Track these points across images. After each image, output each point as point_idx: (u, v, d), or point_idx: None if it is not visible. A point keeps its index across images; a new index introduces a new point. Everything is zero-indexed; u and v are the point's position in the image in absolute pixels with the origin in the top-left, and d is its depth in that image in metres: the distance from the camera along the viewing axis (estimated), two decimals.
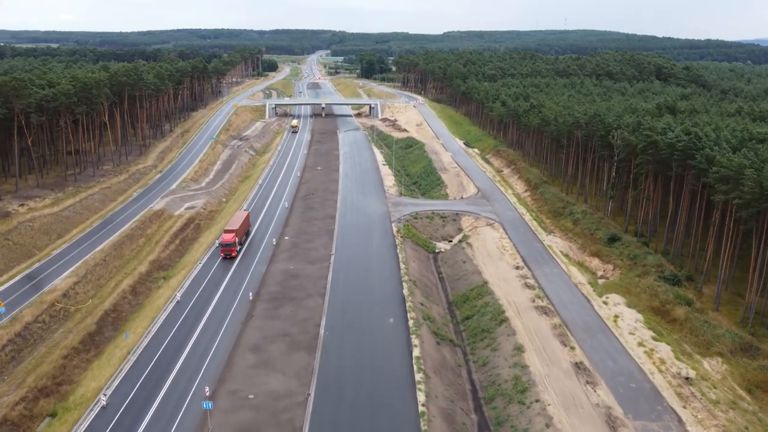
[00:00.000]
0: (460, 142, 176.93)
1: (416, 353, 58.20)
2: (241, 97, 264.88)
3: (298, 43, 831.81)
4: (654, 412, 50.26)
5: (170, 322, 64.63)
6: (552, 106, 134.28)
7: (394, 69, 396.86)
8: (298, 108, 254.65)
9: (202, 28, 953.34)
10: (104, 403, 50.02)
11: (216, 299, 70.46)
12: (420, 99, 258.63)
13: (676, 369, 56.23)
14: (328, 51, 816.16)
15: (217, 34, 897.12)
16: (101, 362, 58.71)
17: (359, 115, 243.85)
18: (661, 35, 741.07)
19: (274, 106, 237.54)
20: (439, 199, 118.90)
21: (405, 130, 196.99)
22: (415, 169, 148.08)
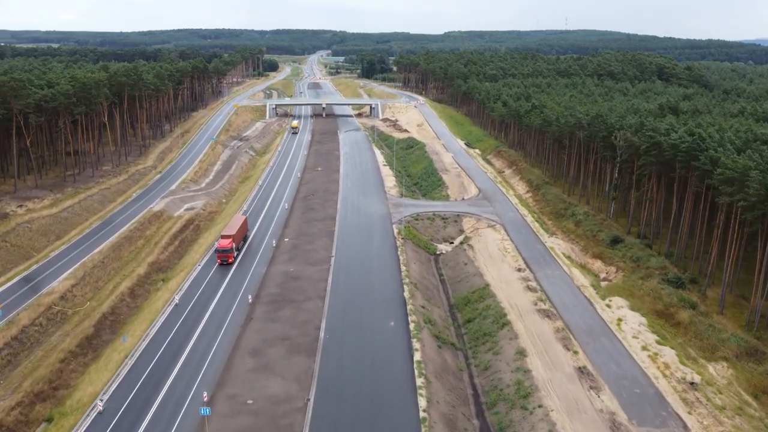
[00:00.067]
0: (461, 143, 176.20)
1: (417, 357, 57.47)
2: (242, 97, 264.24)
3: (299, 43, 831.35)
4: (659, 418, 49.50)
5: (168, 325, 63.94)
6: (554, 107, 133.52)
7: (394, 69, 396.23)
8: (299, 108, 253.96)
9: (203, 28, 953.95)
10: (101, 408, 49.33)
11: (215, 302, 69.77)
12: (421, 99, 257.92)
13: (681, 374, 55.47)
14: (329, 51, 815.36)
15: (217, 34, 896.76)
16: (99, 366, 58.04)
17: (360, 116, 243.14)
18: (662, 35, 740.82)
19: (274, 107, 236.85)
20: (440, 200, 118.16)
21: (406, 131, 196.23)
22: (416, 170, 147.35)
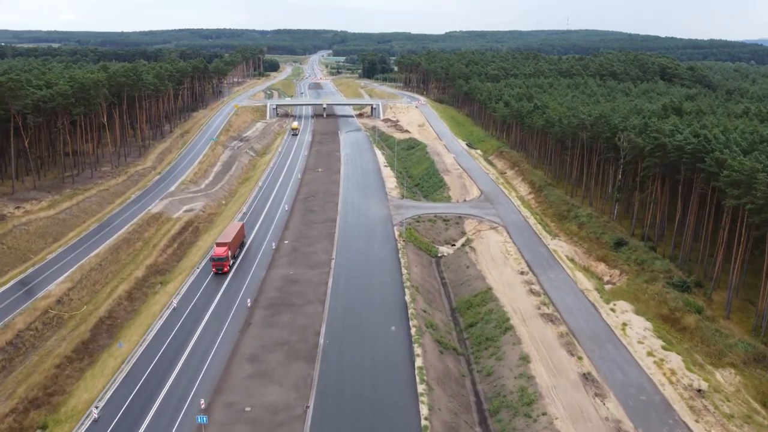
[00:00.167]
0: (463, 143, 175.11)
1: (419, 363, 56.41)
2: (242, 97, 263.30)
3: (300, 43, 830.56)
4: (665, 426, 48.41)
5: (166, 330, 62.91)
6: (556, 107, 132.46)
7: (395, 69, 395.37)
8: (300, 108, 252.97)
9: (204, 28, 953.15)
10: (96, 416, 48.32)
11: (213, 306, 68.73)
12: (422, 99, 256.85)
13: (688, 380, 54.35)
14: (330, 51, 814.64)
15: (219, 34, 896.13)
16: (94, 372, 57.06)
17: (361, 116, 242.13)
18: (664, 35, 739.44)
19: (275, 107, 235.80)
20: (442, 202, 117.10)
21: (407, 131, 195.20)
22: (417, 171, 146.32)
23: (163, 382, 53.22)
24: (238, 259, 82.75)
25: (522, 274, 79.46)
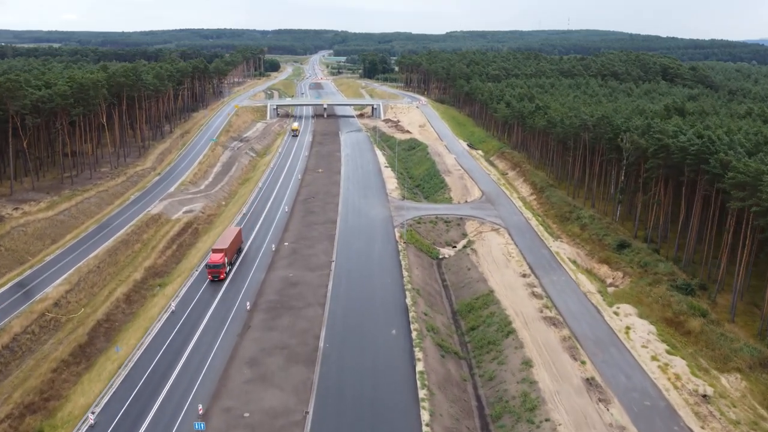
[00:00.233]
0: (464, 144, 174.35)
1: (420, 367, 55.64)
2: (243, 97, 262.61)
3: (300, 43, 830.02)
4: None
5: (164, 334, 62.17)
6: (558, 108, 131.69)
7: (396, 69, 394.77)
8: (300, 109, 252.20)
9: (205, 28, 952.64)
10: (92, 421, 47.61)
11: (212, 309, 67.99)
12: (423, 99, 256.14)
13: (693, 386, 53.57)
14: (331, 51, 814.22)
15: (219, 34, 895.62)
16: (91, 376, 56.33)
17: (361, 116, 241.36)
18: (665, 35, 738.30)
19: (275, 107, 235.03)
20: (443, 203, 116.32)
21: (408, 132, 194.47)
22: (418, 172, 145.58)
23: (160, 387, 52.48)
24: (235, 266, 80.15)
25: (524, 276, 78.69)
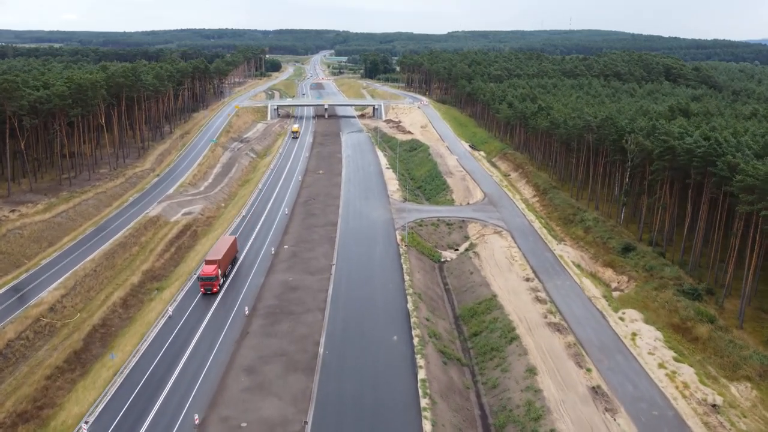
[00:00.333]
0: (466, 145, 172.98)
1: (422, 375, 54.37)
2: (243, 97, 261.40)
3: (301, 43, 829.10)
4: None
5: (161, 340, 60.99)
6: (560, 109, 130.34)
7: (398, 69, 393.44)
8: (301, 109, 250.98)
9: (206, 28, 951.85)
10: (85, 431, 46.42)
11: (210, 314, 66.77)
12: (424, 100, 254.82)
13: (702, 395, 52.24)
14: (332, 51, 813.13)
15: (220, 34, 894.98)
16: (86, 383, 55.11)
17: (363, 117, 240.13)
18: (667, 35, 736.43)
19: (276, 108, 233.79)
20: (445, 205, 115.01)
21: (409, 132, 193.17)
22: (420, 173, 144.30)
23: (156, 396, 51.26)
24: (229, 278, 76.67)
25: (527, 280, 77.37)
